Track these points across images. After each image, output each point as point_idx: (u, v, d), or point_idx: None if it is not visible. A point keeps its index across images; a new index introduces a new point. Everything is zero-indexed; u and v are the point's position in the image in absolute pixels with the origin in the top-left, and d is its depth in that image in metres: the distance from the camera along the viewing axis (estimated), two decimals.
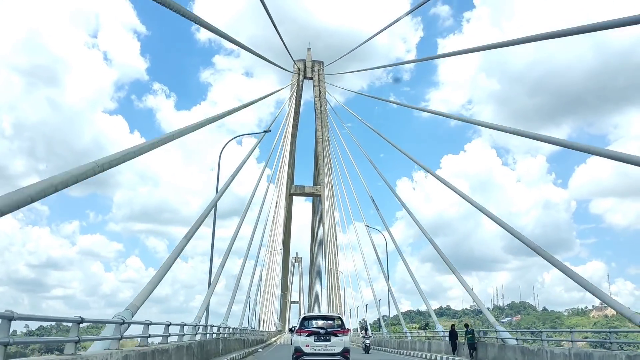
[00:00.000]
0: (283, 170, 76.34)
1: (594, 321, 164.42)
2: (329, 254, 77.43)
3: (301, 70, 80.00)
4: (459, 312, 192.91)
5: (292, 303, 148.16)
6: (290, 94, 78.72)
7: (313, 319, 15.22)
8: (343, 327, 14.81)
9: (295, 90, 78.90)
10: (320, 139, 78.60)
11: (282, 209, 76.44)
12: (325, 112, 78.89)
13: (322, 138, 78.59)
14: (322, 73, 79.31)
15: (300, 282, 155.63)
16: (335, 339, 14.12)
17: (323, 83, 79.32)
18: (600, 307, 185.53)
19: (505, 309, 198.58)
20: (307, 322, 14.81)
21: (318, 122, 79.08)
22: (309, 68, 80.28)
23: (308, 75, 79.98)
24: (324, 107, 78.42)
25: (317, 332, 14.24)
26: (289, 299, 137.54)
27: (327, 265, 77.84)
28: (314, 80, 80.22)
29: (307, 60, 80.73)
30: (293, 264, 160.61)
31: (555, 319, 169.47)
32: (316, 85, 79.91)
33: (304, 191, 78.73)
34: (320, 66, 79.77)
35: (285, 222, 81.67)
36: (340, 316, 16.23)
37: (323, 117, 78.99)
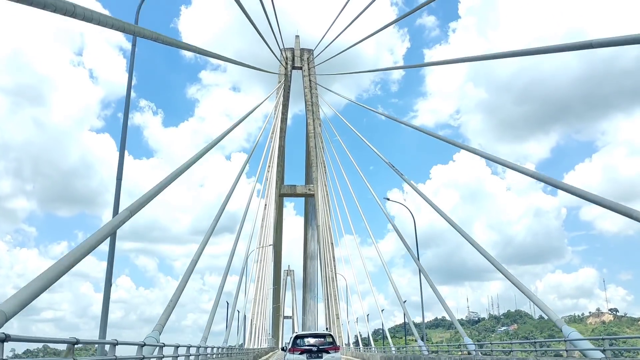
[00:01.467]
0: (272, 169, 68.83)
1: (591, 328, 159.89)
2: (325, 259, 69.89)
3: (289, 59, 72.89)
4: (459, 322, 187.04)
5: (285, 318, 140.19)
6: (278, 85, 71.82)
7: (305, 337, 15.27)
8: (334, 344, 15.01)
9: (284, 82, 72.15)
10: (312, 134, 71.31)
11: (271, 210, 68.96)
12: (317, 105, 71.75)
13: (314, 132, 71.34)
14: (312, 62, 72.34)
15: (293, 296, 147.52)
16: (327, 356, 14.22)
17: (313, 73, 72.24)
18: (597, 314, 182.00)
19: (501, 318, 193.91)
20: (300, 341, 14.90)
21: (309, 115, 71.67)
22: (298, 57, 72.98)
23: (297, 65, 72.45)
24: (315, 99, 71.46)
25: (310, 349, 14.30)
26: (282, 314, 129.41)
27: (323, 271, 70.28)
28: (304, 70, 72.82)
29: (295, 49, 73.62)
30: (285, 277, 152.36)
31: (552, 327, 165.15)
32: (306, 76, 72.66)
33: (296, 191, 71.06)
34: (310, 55, 72.48)
35: (276, 226, 74.05)
36: (331, 334, 16.37)
37: (314, 109, 71.73)
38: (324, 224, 68.13)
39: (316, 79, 71.21)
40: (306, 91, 70.32)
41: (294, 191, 69.92)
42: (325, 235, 68.03)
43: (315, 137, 69.85)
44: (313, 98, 69.55)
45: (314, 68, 70.56)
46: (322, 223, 68.41)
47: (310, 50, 71.34)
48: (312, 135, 69.93)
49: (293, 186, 70.29)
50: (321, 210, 68.61)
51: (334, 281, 66.23)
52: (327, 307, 67.94)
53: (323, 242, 68.12)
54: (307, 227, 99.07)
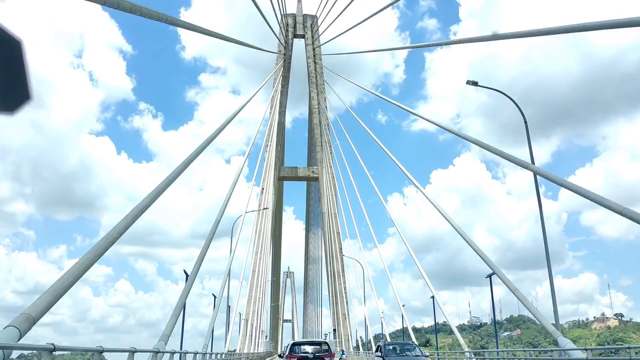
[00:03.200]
0: (271, 148, 60.16)
1: (596, 333, 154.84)
2: (331, 250, 60.98)
3: (290, 26, 64.46)
4: (457, 328, 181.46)
5: (285, 321, 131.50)
6: (278, 54, 63.22)
7: (301, 345, 15.41)
8: (329, 351, 15.02)
9: (284, 51, 63.52)
10: (316, 109, 62.54)
11: (270, 196, 60.18)
12: (321, 76, 63.07)
13: (319, 107, 62.57)
14: (316, 30, 63.82)
15: (293, 298, 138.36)
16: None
17: (318, 42, 63.81)
18: (602, 319, 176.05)
19: (504, 323, 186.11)
20: (296, 348, 14.98)
21: (312, 88, 62.78)
22: (300, 24, 64.16)
23: (299, 33, 62.90)
24: (320, 70, 62.79)
25: (306, 357, 14.37)
26: (281, 317, 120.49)
27: (329, 265, 61.37)
28: (307, 39, 63.57)
29: (297, 15, 65.14)
30: (285, 279, 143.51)
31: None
32: (309, 44, 63.49)
33: (297, 173, 62.15)
34: (314, 21, 63.81)
35: (275, 213, 65.19)
36: (326, 341, 16.35)
37: (319, 82, 62.86)
38: (329, 211, 59.23)
39: (321, 51, 62.73)
40: (309, 62, 61.40)
41: (295, 174, 60.92)
42: (330, 224, 59.11)
43: (319, 114, 61.00)
44: (317, 69, 60.90)
45: (319, 37, 62.01)
46: (327, 210, 59.50)
47: (314, 16, 62.29)
48: (315, 111, 61.03)
49: (294, 168, 61.20)
50: (326, 195, 59.77)
51: (341, 276, 57.21)
52: (332, 305, 58.81)
53: (328, 232, 59.17)
54: (308, 229, 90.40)
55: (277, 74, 59.05)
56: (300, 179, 61.75)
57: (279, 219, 69.07)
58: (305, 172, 61.08)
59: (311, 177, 60.65)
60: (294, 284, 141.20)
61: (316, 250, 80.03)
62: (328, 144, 58.99)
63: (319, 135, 59.94)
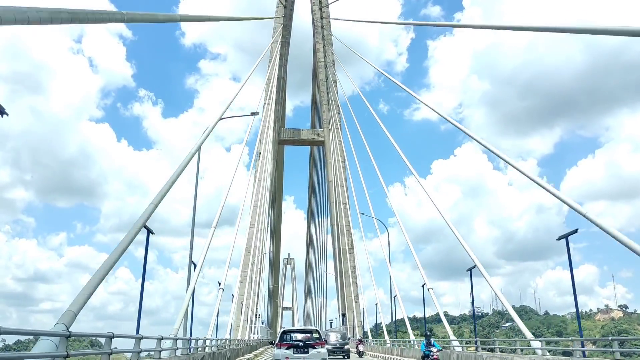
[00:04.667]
0: (270, 107, 52.07)
1: (600, 324, 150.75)
2: (337, 223, 53.05)
3: None
4: (457, 318, 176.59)
5: (285, 309, 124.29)
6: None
7: (292, 333, 15.06)
8: (320, 339, 14.68)
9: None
10: (322, 62, 54.21)
11: (269, 161, 52.16)
12: (328, 25, 54.95)
13: (325, 61, 54.29)
14: None
15: (294, 285, 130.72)
16: (314, 351, 14.02)
17: None
18: (605, 310, 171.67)
19: (506, 314, 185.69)
20: (287, 336, 14.73)
21: (318, 39, 54.30)
22: None
23: None
24: (327, 15, 54.65)
25: (296, 345, 14.13)
26: (281, 305, 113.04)
27: (336, 242, 53.40)
28: None
29: None
30: (285, 265, 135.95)
31: (560, 323, 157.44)
32: None
33: (300, 136, 54.07)
34: None
35: (275, 184, 57.18)
36: (317, 329, 15.61)
37: (325, 32, 54.94)
38: (336, 179, 51.14)
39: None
40: (314, 8, 52.96)
41: (297, 137, 52.71)
42: (337, 194, 51.08)
43: (326, 68, 52.75)
44: (323, 16, 52.59)
45: None
46: (334, 178, 51.43)
47: None
48: (321, 65, 52.73)
49: (296, 130, 52.93)
50: (333, 160, 51.71)
51: (350, 252, 49.22)
52: (339, 288, 50.89)
53: (335, 203, 51.16)
54: (310, 216, 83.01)
55: (277, 24, 50.78)
56: (303, 143, 53.43)
57: (279, 192, 61.05)
58: (309, 134, 52.75)
59: (316, 140, 52.37)
60: (294, 270, 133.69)
61: (318, 237, 72.33)
62: (335, 103, 50.81)
63: (324, 92, 51.65)
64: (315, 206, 69.06)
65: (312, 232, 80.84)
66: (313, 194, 67.77)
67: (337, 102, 50.00)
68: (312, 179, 65.96)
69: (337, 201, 49.36)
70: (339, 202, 48.79)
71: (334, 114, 50.10)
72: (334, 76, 50.49)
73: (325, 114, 50.94)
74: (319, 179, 61.27)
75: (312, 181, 66.11)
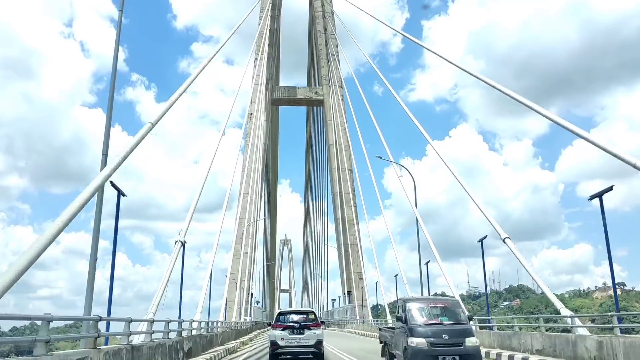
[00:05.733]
0: (262, 62, 46.03)
1: (598, 302, 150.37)
2: (339, 191, 47.46)
3: None
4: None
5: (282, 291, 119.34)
6: None
7: (288, 314, 15.00)
8: (316, 320, 14.60)
9: None
10: (319, 12, 47.94)
11: (261, 123, 46.31)
12: None
13: (323, 10, 48.13)
14: None
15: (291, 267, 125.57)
16: (309, 332, 14.00)
17: None
18: (603, 288, 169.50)
19: (503, 293, 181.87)
20: (282, 317, 14.68)
21: None
22: None
23: None
24: None
25: (292, 326, 14.11)
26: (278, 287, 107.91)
27: (337, 211, 47.80)
28: None
29: None
30: (282, 247, 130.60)
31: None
32: None
33: (296, 95, 48.02)
34: None
35: (269, 151, 51.31)
36: (313, 311, 15.59)
37: None
38: (337, 142, 45.34)
39: None
40: None
41: (293, 95, 46.66)
42: (339, 159, 45.34)
43: (324, 18, 46.67)
44: None
45: None
46: (335, 140, 45.61)
47: None
48: (318, 15, 46.59)
49: (292, 88, 46.74)
50: (333, 121, 45.88)
51: (354, 224, 43.62)
52: (343, 263, 45.44)
53: (338, 168, 45.43)
54: (307, 196, 77.42)
55: None
56: (300, 103, 47.32)
57: (273, 164, 55.24)
58: (306, 93, 46.63)
59: (314, 99, 46.31)
60: (291, 252, 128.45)
61: (316, 218, 66.78)
62: (335, 57, 44.80)
63: (323, 45, 45.54)
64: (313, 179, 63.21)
65: (309, 213, 75.27)
66: (311, 167, 61.88)
67: (336, 56, 44.03)
68: (309, 148, 59.97)
69: (339, 167, 43.58)
70: (342, 168, 43.05)
71: (334, 69, 44.13)
72: (333, 27, 44.42)
73: (324, 70, 44.91)
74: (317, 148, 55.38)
75: (310, 151, 60.15)
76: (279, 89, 45.50)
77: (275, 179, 64.19)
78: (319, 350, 14.18)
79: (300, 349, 14.05)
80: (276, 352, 14.11)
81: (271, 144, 49.52)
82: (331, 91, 44.05)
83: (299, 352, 14.13)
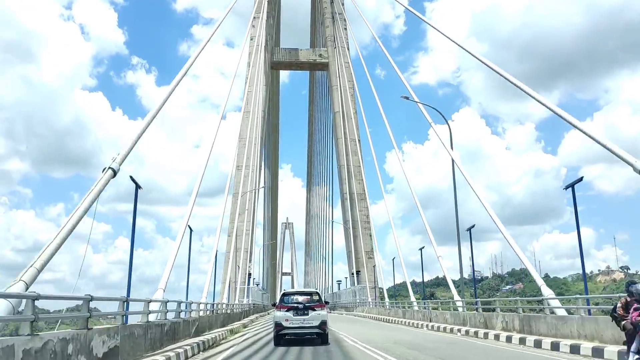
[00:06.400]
0: (260, 22, 41.76)
1: (602, 286, 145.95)
2: (347, 166, 43.55)
3: None
4: (456, 282, 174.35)
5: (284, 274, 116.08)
6: None
7: (292, 295, 14.92)
8: (320, 301, 14.52)
9: None
10: None
11: (260, 88, 42.19)
12: None
13: None
14: None
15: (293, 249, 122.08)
16: (313, 313, 13.93)
17: None
18: (606, 272, 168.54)
19: (506, 277, 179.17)
20: (287, 298, 14.55)
21: None
22: None
23: None
24: None
25: (296, 307, 14.03)
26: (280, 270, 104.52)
27: (344, 184, 43.88)
28: None
29: None
30: (283, 230, 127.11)
31: (561, 285, 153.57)
32: None
33: (298, 58, 43.69)
34: None
35: (269, 121, 47.14)
36: (318, 292, 15.48)
37: None
38: (343, 110, 41.22)
39: None
40: None
41: (294, 58, 42.36)
42: (345, 128, 41.28)
43: None
44: None
45: None
46: (340, 108, 41.49)
47: None
48: None
49: (293, 50, 42.45)
50: (340, 86, 41.74)
51: (362, 199, 39.68)
52: (351, 241, 41.63)
53: (344, 138, 41.40)
54: (310, 182, 74.23)
55: None
56: (302, 67, 42.90)
57: (274, 133, 51.15)
58: (309, 55, 42.24)
59: (317, 62, 41.96)
60: (293, 235, 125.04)
61: (319, 201, 63.09)
62: (341, 16, 40.46)
63: (327, 3, 41.22)
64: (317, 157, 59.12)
65: (312, 197, 71.63)
66: (314, 143, 57.72)
67: (343, 15, 39.70)
68: (312, 120, 55.68)
69: (345, 137, 39.52)
70: (350, 138, 39.03)
71: (340, 29, 39.80)
72: None
73: (329, 30, 40.53)
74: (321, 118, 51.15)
75: (312, 124, 55.89)
76: (280, 51, 41.14)
77: (276, 154, 60.18)
78: (323, 330, 14.01)
79: (304, 329, 13.89)
80: (281, 334, 13.94)
81: (272, 114, 45.37)
82: (337, 53, 39.79)
83: (304, 332, 13.96)
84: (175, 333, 11.78)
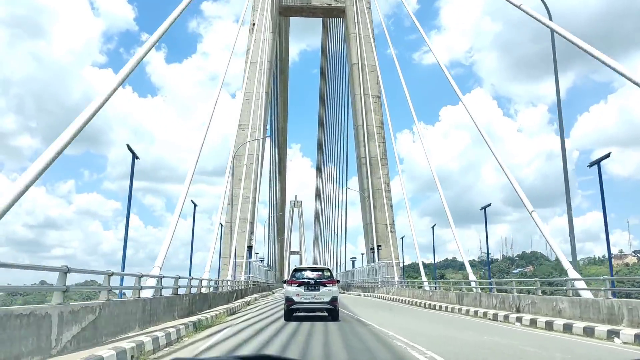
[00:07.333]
0: None
1: (615, 270, 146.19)
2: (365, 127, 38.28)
3: None
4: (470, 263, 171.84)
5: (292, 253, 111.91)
6: None
7: (303, 271, 14.91)
8: (332, 277, 14.62)
9: None
10: None
11: (267, 36, 36.81)
12: None
13: None
14: None
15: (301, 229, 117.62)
16: (324, 289, 13.93)
17: None
18: (619, 256, 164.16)
19: (516, 259, 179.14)
20: (298, 274, 14.62)
21: None
22: None
23: None
24: None
25: (307, 282, 14.02)
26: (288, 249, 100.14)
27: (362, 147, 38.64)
28: None
29: None
30: (292, 208, 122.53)
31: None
32: None
33: (310, 2, 38.29)
34: None
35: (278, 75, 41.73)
36: (329, 268, 15.69)
37: None
38: (361, 62, 35.75)
39: None
40: None
41: (307, 2, 36.98)
42: (364, 83, 35.90)
43: None
44: None
45: None
46: (359, 59, 36.02)
47: None
48: None
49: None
50: (357, 34, 36.24)
51: (383, 165, 34.38)
52: (367, 212, 36.41)
53: (360, 94, 36.02)
54: (319, 164, 70.17)
55: None
56: (315, 13, 37.14)
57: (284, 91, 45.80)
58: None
59: (332, 7, 36.23)
60: (302, 213, 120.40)
61: (331, 179, 58.20)
62: None
63: None
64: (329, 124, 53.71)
65: (322, 174, 66.83)
66: (326, 106, 52.22)
67: None
68: (324, 80, 50.07)
69: (363, 92, 34.08)
70: (368, 94, 33.58)
71: None
72: None
73: None
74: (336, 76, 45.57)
75: (325, 86, 50.35)
76: None
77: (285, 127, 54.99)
78: (334, 307, 13.85)
79: (315, 305, 13.76)
80: (291, 308, 13.85)
81: (280, 67, 40.03)
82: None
83: (314, 308, 13.86)
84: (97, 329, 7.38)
